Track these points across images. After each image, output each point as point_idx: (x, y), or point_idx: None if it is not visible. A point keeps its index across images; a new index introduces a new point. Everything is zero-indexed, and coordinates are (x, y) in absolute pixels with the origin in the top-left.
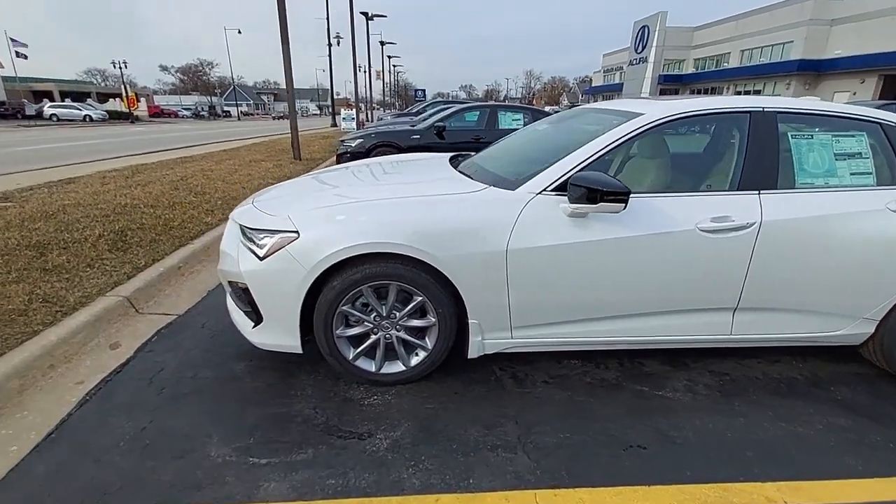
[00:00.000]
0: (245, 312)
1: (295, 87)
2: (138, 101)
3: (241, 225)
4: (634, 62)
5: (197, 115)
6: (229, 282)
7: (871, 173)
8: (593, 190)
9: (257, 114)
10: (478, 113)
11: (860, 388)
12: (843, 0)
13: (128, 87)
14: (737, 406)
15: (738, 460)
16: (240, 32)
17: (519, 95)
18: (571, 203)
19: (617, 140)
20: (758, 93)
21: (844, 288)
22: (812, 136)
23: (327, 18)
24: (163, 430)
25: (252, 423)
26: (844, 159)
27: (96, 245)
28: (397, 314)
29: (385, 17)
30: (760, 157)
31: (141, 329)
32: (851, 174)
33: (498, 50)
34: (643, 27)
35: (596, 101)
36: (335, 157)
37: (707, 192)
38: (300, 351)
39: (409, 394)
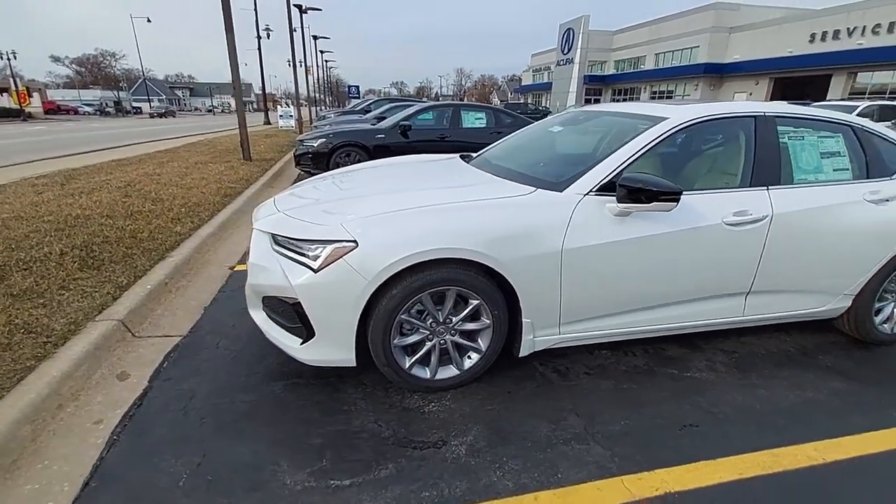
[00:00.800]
0: (290, 329)
1: (214, 81)
2: (30, 95)
3: (278, 235)
4: (562, 63)
5: (102, 112)
6: (267, 297)
7: (848, 169)
8: (645, 190)
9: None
10: (442, 112)
11: (840, 355)
12: (738, 10)
13: (17, 80)
14: (754, 379)
15: (774, 427)
16: (149, 21)
17: (451, 93)
18: (620, 203)
19: (651, 142)
20: (671, 93)
21: (832, 269)
22: (803, 137)
23: (255, 9)
24: (222, 463)
25: (318, 445)
26: (828, 157)
27: (63, 263)
28: (453, 319)
29: (320, 10)
30: (766, 156)
31: (146, 355)
32: (834, 170)
33: (429, 47)
34: (568, 29)
35: (526, 99)
36: (294, 158)
37: (726, 188)
38: (354, 364)
39: (464, 398)
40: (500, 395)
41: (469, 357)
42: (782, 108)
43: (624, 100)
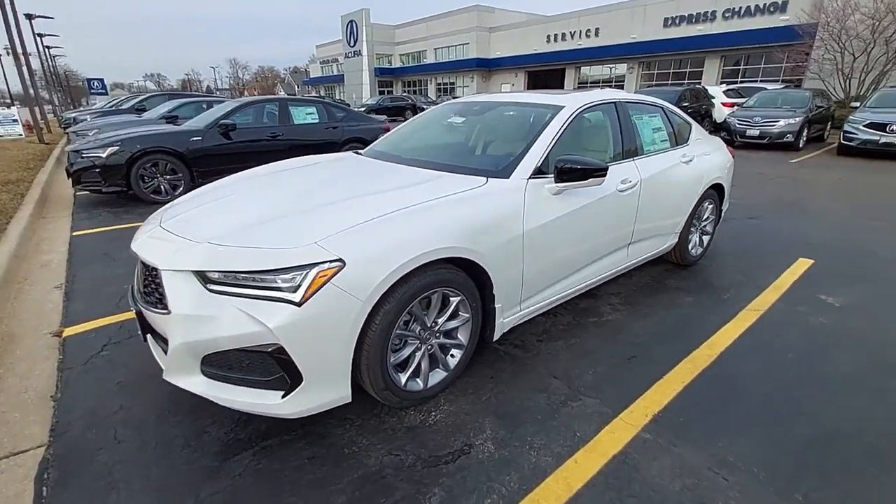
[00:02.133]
0: (265, 383)
1: None
2: None
3: (216, 272)
4: (350, 55)
5: None
6: (214, 355)
7: (667, 140)
8: (580, 169)
9: None
10: (266, 108)
11: (676, 277)
12: (494, 13)
13: None
14: (643, 310)
15: (677, 340)
16: None
17: (227, 86)
18: (559, 182)
19: (561, 127)
20: (453, 84)
21: (670, 215)
22: (641, 117)
23: None
24: None
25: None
26: (656, 132)
27: None
28: (439, 321)
29: None
30: (628, 134)
31: (2, 490)
32: (661, 141)
33: (191, 34)
34: (351, 21)
35: (318, 91)
36: (70, 175)
37: (612, 162)
38: (350, 399)
39: (457, 398)
40: (486, 384)
41: (452, 355)
42: (624, 94)
43: (414, 92)
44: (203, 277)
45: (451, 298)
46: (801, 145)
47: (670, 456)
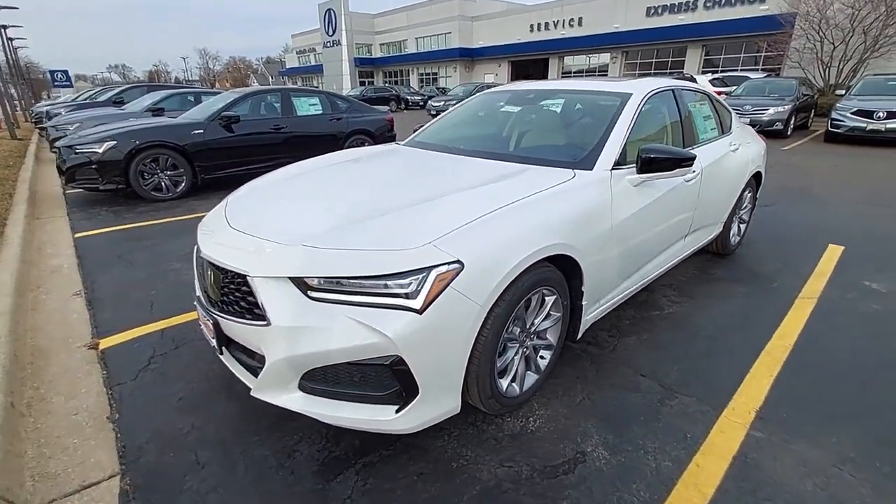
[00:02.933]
0: (380, 398)
1: None
2: None
3: (320, 278)
4: (328, 45)
5: None
6: (319, 369)
7: (716, 128)
8: (668, 159)
9: None
10: (268, 99)
11: (719, 266)
12: (476, 1)
13: None
14: (700, 300)
15: (745, 331)
16: None
17: (196, 78)
18: (642, 173)
19: (633, 116)
20: (435, 74)
21: (721, 204)
22: (694, 104)
23: None
24: None
25: None
26: (706, 119)
27: None
28: (535, 322)
29: None
30: (687, 122)
31: None
32: (710, 129)
33: (158, 24)
34: (328, 10)
35: (295, 82)
36: (63, 173)
37: None
38: (458, 411)
39: (549, 402)
40: (574, 385)
41: (542, 357)
42: (676, 82)
43: (396, 82)
44: (301, 284)
45: (547, 298)
46: (789, 133)
47: (789, 454)
